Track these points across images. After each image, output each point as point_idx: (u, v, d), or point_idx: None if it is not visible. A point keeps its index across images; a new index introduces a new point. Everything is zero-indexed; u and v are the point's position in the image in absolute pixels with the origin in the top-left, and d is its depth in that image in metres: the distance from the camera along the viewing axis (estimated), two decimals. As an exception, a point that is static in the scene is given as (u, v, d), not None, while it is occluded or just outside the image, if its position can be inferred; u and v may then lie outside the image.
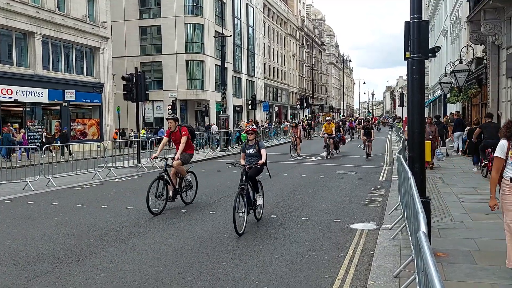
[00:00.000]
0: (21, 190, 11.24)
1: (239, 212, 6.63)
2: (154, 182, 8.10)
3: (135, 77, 16.75)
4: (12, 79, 22.55)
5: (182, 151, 8.70)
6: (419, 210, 3.62)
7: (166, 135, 9.19)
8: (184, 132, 8.83)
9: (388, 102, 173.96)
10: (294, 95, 71.14)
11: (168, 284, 4.76)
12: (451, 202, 8.35)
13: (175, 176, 8.72)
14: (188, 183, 9.02)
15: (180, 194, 8.81)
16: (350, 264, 5.35)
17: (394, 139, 29.20)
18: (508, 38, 13.18)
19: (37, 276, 5.03)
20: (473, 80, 19.06)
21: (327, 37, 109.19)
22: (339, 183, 11.92)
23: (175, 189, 8.65)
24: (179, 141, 8.81)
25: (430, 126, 13.38)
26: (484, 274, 4.64)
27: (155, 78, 40.57)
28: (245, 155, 7.50)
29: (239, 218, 6.74)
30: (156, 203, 8.12)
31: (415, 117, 5.59)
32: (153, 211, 7.93)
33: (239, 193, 6.80)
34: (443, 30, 32.21)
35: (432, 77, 39.72)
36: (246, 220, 6.92)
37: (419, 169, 5.55)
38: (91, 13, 28.48)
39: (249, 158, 7.36)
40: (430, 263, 2.28)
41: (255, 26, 55.47)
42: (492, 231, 6.22)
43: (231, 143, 24.51)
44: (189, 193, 9.14)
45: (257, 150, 7.37)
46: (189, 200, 9.11)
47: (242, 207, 6.79)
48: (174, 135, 8.95)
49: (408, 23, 5.59)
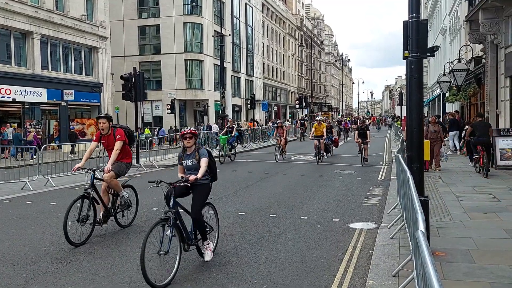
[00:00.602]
0: (20, 190, 11.23)
1: (160, 253, 4.72)
2: (75, 202, 6.26)
3: (133, 77, 16.73)
4: (11, 78, 22.50)
5: (115, 159, 6.81)
6: (417, 210, 3.62)
7: (95, 139, 7.15)
8: (119, 135, 6.92)
9: (387, 101, 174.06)
10: (293, 95, 71.13)
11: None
12: (449, 201, 8.35)
13: (106, 192, 6.86)
14: (124, 200, 7.08)
15: (114, 215, 6.99)
16: (349, 263, 5.35)
17: (393, 138, 29.22)
18: (506, 37, 13.20)
19: (36, 276, 5.03)
20: (472, 80, 19.08)
21: (326, 36, 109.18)
22: (338, 183, 11.93)
23: (107, 209, 6.79)
24: (112, 146, 6.90)
25: (434, 125, 13.16)
26: (482, 273, 4.64)
27: (154, 78, 40.55)
28: (183, 168, 5.63)
29: (161, 260, 4.84)
30: (78, 230, 6.21)
31: (414, 117, 5.60)
32: (73, 241, 6.08)
33: (159, 223, 4.81)
34: (442, 30, 32.23)
35: (431, 76, 39.74)
36: (178, 261, 4.96)
37: (418, 168, 5.56)
38: (90, 13, 28.44)
39: (189, 172, 5.50)
40: (429, 262, 2.28)
41: (254, 25, 55.46)
42: (491, 230, 6.23)
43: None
44: (127, 214, 7.26)
45: (197, 161, 5.47)
46: (127, 222, 7.21)
47: (165, 246, 4.76)
48: (106, 139, 7.02)
49: (406, 22, 5.59)
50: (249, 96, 39.22)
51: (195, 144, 5.61)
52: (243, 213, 8.12)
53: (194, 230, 5.37)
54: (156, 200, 9.57)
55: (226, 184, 11.72)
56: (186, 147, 5.55)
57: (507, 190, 9.23)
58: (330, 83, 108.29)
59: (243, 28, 51.95)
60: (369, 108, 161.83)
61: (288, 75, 71.51)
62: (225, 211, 8.32)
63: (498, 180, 10.55)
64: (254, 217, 7.82)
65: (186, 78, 40.17)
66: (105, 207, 6.78)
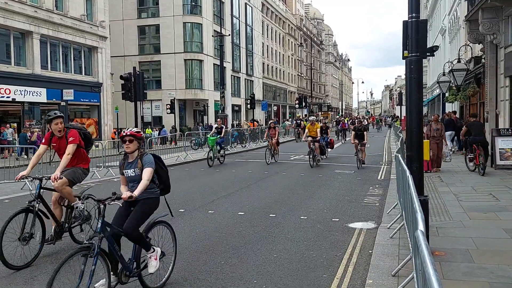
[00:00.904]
0: (19, 189, 11.23)
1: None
2: (14, 217, 5.25)
3: (133, 77, 16.71)
4: (10, 78, 22.49)
5: (65, 166, 5.78)
6: (417, 209, 3.62)
7: (43, 142, 6.11)
8: (72, 137, 5.87)
9: (386, 101, 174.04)
10: (293, 95, 71.14)
11: (166, 284, 4.75)
12: (449, 201, 8.36)
13: (58, 204, 5.85)
14: (79, 212, 5.93)
15: (69, 231, 5.96)
16: (348, 263, 5.36)
17: (393, 138, 29.23)
18: (506, 37, 13.20)
19: (35, 276, 5.03)
20: (471, 79, 19.09)
21: (325, 36, 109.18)
22: (337, 183, 11.93)
23: (59, 224, 5.76)
24: (64, 151, 5.89)
25: (436, 123, 13.09)
26: (482, 273, 4.65)
27: (153, 78, 40.54)
28: (125, 179, 4.59)
29: None
30: (19, 251, 5.26)
31: (414, 116, 5.60)
32: (12, 264, 5.13)
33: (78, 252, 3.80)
34: (442, 29, 32.24)
35: (431, 76, 39.76)
36: None
37: (417, 168, 5.56)
38: (90, 13, 28.43)
39: (132, 185, 4.47)
40: (428, 261, 2.28)
41: (254, 25, 55.46)
42: (490, 230, 6.24)
43: (229, 143, 24.63)
44: (86, 227, 6.14)
45: (140, 170, 4.42)
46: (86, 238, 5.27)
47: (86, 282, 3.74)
48: (58, 142, 5.98)
49: (406, 22, 5.60)
50: (249, 96, 39.23)
51: (139, 150, 4.52)
52: (243, 213, 8.12)
53: (135, 257, 4.36)
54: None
55: (226, 184, 11.73)
56: (127, 153, 4.50)
57: (506, 190, 9.23)
58: (330, 83, 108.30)
59: (243, 28, 51.94)
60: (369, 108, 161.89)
61: (288, 75, 71.51)
62: (225, 211, 8.33)
63: (498, 180, 10.56)
64: (253, 217, 7.82)
65: (186, 78, 40.17)
66: (57, 222, 5.74)
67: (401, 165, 6.49)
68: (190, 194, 10.32)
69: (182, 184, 12.13)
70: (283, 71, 69.13)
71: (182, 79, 39.90)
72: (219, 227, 7.16)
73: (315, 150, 15.54)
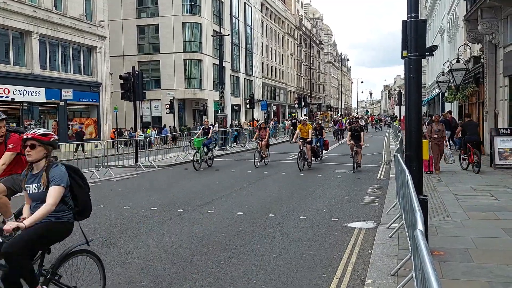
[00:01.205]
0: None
1: None
2: None
3: (132, 76, 16.71)
4: (9, 78, 22.47)
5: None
6: (416, 209, 3.62)
7: None
8: (12, 144, 5.06)
9: (385, 101, 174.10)
10: (292, 94, 71.16)
11: (166, 284, 4.76)
12: (448, 200, 8.36)
13: None
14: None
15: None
16: (348, 262, 5.36)
17: (392, 137, 29.25)
18: (505, 36, 13.22)
19: (35, 276, 5.01)
20: (471, 79, 19.10)
21: (325, 36, 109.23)
22: (337, 182, 11.94)
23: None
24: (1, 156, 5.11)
25: (437, 124, 12.88)
26: (481, 272, 4.65)
27: (152, 77, 40.53)
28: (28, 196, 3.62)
29: None
30: None
31: (413, 116, 5.60)
32: None
33: None
34: (441, 29, 32.24)
35: (430, 76, 39.77)
36: None
37: (417, 167, 5.56)
38: (89, 12, 28.41)
39: (35, 204, 3.54)
40: (427, 261, 2.28)
41: (253, 25, 55.46)
42: (489, 230, 6.24)
43: (229, 142, 24.65)
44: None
45: (45, 187, 3.46)
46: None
47: None
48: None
49: (405, 22, 5.59)
50: (248, 96, 39.23)
51: (46, 158, 3.52)
52: (242, 213, 8.12)
53: None
54: (156, 199, 9.60)
55: (226, 184, 11.74)
56: (31, 163, 3.53)
57: (505, 190, 9.24)
58: (329, 82, 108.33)
59: (242, 27, 51.94)
60: (368, 107, 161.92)
61: (287, 75, 71.53)
62: (224, 211, 8.33)
63: (497, 180, 10.57)
64: (253, 217, 7.82)
65: (185, 78, 40.16)
66: None
67: (400, 164, 6.50)
68: (189, 193, 10.32)
69: (182, 184, 12.15)
70: (283, 71, 69.14)
71: (182, 79, 39.89)
72: (218, 227, 7.15)
73: (306, 153, 14.38)
